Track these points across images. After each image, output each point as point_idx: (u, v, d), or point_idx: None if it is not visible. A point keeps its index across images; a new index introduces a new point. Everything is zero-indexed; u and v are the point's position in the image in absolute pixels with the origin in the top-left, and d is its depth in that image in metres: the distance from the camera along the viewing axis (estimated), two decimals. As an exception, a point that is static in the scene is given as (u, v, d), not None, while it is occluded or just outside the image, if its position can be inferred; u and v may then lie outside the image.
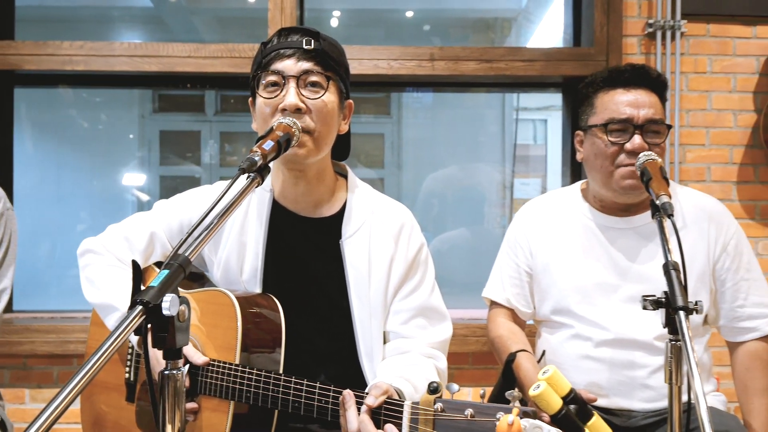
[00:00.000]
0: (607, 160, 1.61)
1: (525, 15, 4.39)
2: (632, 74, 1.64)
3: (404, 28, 4.49)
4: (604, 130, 1.61)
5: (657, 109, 1.62)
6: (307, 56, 1.36)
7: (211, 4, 4.32)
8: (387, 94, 4.77)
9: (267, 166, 1.17)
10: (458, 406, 1.03)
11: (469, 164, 4.35)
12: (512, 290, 1.82)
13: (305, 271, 1.46)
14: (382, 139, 5.40)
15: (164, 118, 4.88)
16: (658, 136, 1.61)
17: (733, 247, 1.67)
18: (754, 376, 1.68)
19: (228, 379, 1.30)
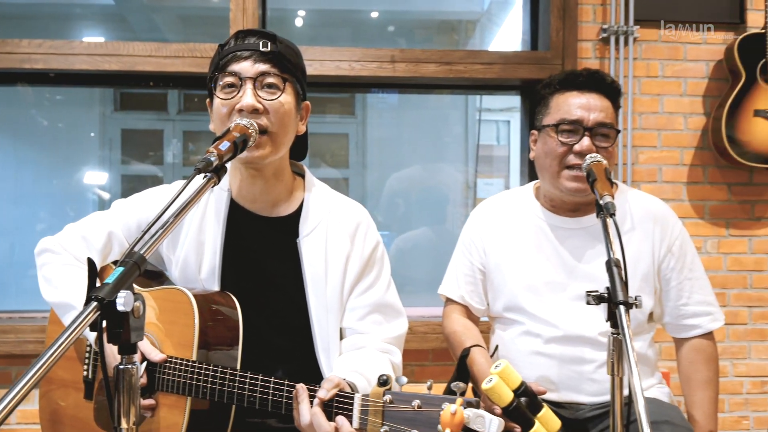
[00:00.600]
0: (556, 159, 1.67)
1: (487, 17, 4.46)
2: (587, 78, 1.70)
3: (369, 29, 4.53)
4: (556, 130, 1.67)
5: (608, 114, 1.68)
6: (264, 58, 1.39)
7: (173, 3, 4.30)
8: (351, 95, 4.80)
9: (223, 166, 1.19)
10: (406, 397, 1.07)
11: (432, 164, 4.41)
12: (466, 287, 1.87)
13: (263, 270, 1.49)
14: (347, 139, 5.43)
15: (126, 117, 4.84)
16: (607, 140, 1.66)
17: (678, 247, 1.74)
18: (696, 369, 1.75)
19: (185, 375, 1.32)
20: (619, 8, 2.85)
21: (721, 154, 2.85)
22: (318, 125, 5.40)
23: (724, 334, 2.95)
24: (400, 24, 4.51)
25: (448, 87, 3.07)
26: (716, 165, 2.95)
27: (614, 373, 1.31)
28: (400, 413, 1.07)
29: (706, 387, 1.74)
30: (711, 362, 1.75)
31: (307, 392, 1.19)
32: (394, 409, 1.07)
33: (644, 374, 1.73)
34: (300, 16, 4.22)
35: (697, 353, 1.75)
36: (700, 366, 1.75)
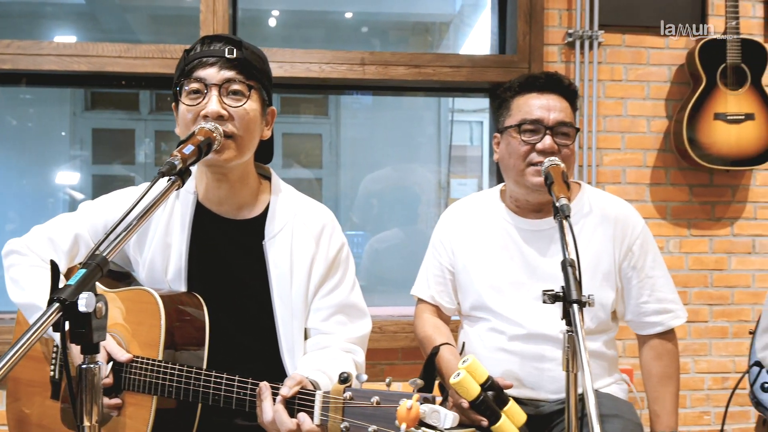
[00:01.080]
0: (520, 158, 1.72)
1: (459, 20, 4.51)
2: (546, 81, 1.75)
3: (343, 30, 4.55)
4: (518, 130, 1.72)
5: (567, 114, 1.74)
6: (230, 65, 1.40)
7: (145, 3, 4.29)
8: (325, 96, 4.83)
9: (188, 169, 1.22)
10: (366, 394, 1.10)
11: (406, 165, 4.45)
12: (437, 288, 1.91)
13: (229, 271, 1.51)
14: (321, 139, 5.45)
15: (97, 116, 4.81)
16: (567, 138, 1.72)
17: (639, 246, 1.79)
18: (658, 366, 1.80)
19: (151, 374, 1.34)
20: (584, 13, 2.91)
21: (682, 156, 2.93)
22: (292, 125, 5.42)
23: (686, 331, 3.03)
24: (374, 25, 4.54)
25: (417, 89, 3.11)
26: (678, 167, 3.02)
27: (569, 369, 1.36)
28: (360, 409, 1.10)
29: (667, 383, 1.79)
30: (672, 359, 1.80)
31: (270, 390, 1.22)
32: (354, 406, 1.11)
33: (603, 371, 1.78)
34: (274, 16, 4.23)
35: (659, 350, 1.80)
36: (661, 363, 1.80)
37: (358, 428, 1.10)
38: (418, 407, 1.02)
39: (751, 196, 3.06)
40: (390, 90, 3.18)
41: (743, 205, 3.06)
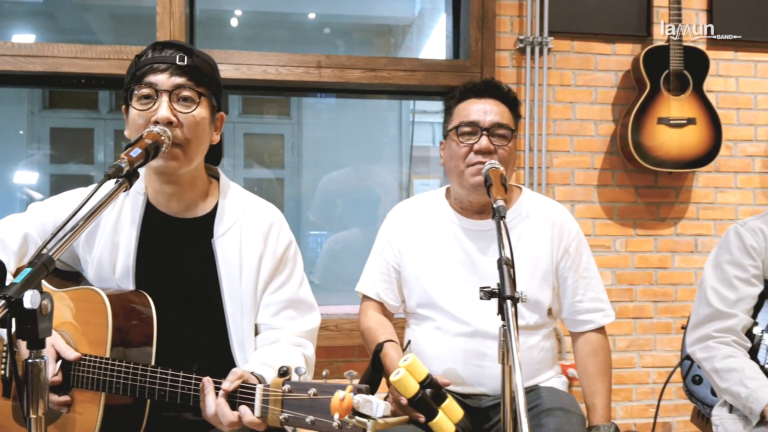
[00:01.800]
0: (460, 160, 1.79)
1: (418, 24, 4.58)
2: (484, 87, 1.82)
3: (306, 31, 4.58)
4: (457, 133, 1.79)
5: (504, 116, 1.80)
6: (180, 72, 1.43)
7: (104, 2, 4.27)
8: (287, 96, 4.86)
9: (135, 171, 1.26)
10: (303, 386, 1.16)
11: (366, 165, 4.51)
12: (382, 285, 1.97)
13: (178, 269, 1.55)
14: (282, 139, 5.47)
15: (55, 115, 4.78)
16: (504, 139, 1.78)
17: (574, 248, 1.88)
18: (593, 361, 1.87)
19: (98, 372, 1.37)
20: (535, 20, 3.01)
21: (628, 159, 3.04)
22: (254, 126, 5.44)
23: (632, 327, 3.15)
24: (337, 27, 4.58)
25: (373, 92, 3.17)
26: (624, 169, 3.14)
27: (504, 362, 1.42)
28: (298, 401, 1.16)
29: (603, 378, 1.86)
30: (604, 354, 1.88)
31: (212, 385, 1.26)
32: (293, 398, 1.16)
33: (543, 365, 1.86)
34: (236, 16, 4.25)
35: (591, 346, 1.88)
36: (596, 359, 1.87)
37: (296, 419, 1.15)
38: (350, 398, 1.07)
39: (694, 197, 3.19)
40: (346, 93, 3.23)
41: (686, 206, 3.19)
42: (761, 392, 1.66)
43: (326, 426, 1.12)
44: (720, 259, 1.91)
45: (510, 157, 1.80)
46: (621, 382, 3.16)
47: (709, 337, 1.83)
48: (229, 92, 3.50)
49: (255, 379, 1.28)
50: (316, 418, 1.13)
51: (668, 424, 3.20)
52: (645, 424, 3.17)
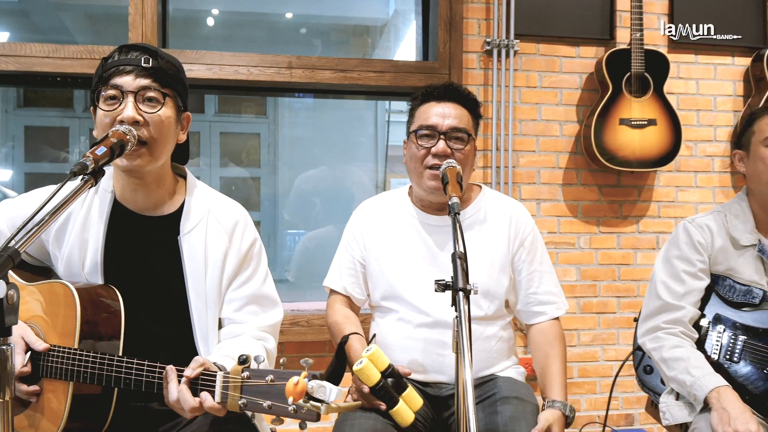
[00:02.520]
0: (418, 161, 1.86)
1: (392, 25, 4.65)
2: (444, 90, 1.89)
3: (283, 32, 4.62)
4: (416, 136, 1.86)
5: (462, 120, 1.86)
6: (146, 73, 1.49)
7: (79, 1, 4.28)
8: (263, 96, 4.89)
9: (101, 169, 1.31)
10: (261, 373, 1.22)
11: (341, 164, 4.56)
12: (348, 279, 2.03)
13: (145, 265, 1.60)
14: (259, 138, 5.50)
15: (30, 114, 4.78)
16: (461, 143, 1.85)
17: (530, 243, 1.95)
18: (549, 347, 1.93)
19: (67, 362, 1.42)
20: (501, 23, 3.09)
21: (591, 158, 3.14)
22: (230, 125, 5.47)
23: (596, 322, 3.24)
24: (314, 27, 4.62)
25: (343, 92, 3.23)
26: (588, 168, 3.23)
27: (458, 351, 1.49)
28: (256, 387, 1.22)
29: (555, 360, 1.90)
30: (558, 342, 1.94)
31: (175, 372, 1.32)
32: (251, 384, 1.22)
33: (501, 355, 1.93)
34: (213, 16, 4.28)
35: (546, 335, 1.95)
36: (549, 344, 1.93)
37: (254, 404, 1.22)
38: (304, 383, 1.14)
39: (655, 196, 3.29)
40: (317, 93, 3.29)
41: (648, 204, 3.29)
42: (705, 380, 1.74)
43: (282, 410, 1.18)
44: (669, 254, 2.00)
45: (467, 159, 1.86)
46: (585, 375, 3.25)
47: (659, 329, 1.92)
48: (203, 92, 3.55)
49: (216, 367, 1.34)
50: (273, 403, 1.19)
51: (631, 416, 3.30)
52: (608, 416, 3.27)
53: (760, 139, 1.91)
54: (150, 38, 2.74)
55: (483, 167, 3.13)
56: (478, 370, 1.88)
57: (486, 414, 1.74)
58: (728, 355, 1.89)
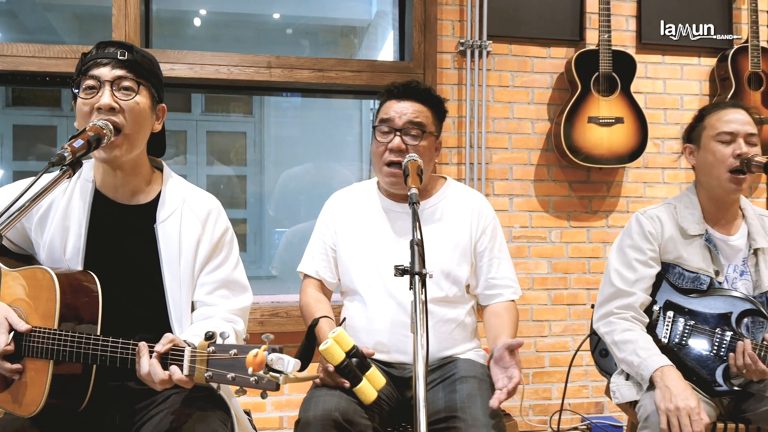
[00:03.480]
0: (378, 157, 1.96)
1: (374, 26, 4.75)
2: (403, 89, 1.99)
3: (268, 32, 4.72)
4: (376, 131, 1.97)
5: (420, 116, 1.96)
6: (121, 65, 1.60)
7: (65, 2, 4.37)
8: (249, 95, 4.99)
9: (78, 161, 1.41)
10: (226, 348, 1.32)
11: (326, 162, 4.66)
12: (321, 264, 2.13)
13: (123, 251, 1.69)
14: (245, 137, 5.60)
15: (18, 113, 4.87)
16: (416, 138, 1.94)
17: (490, 231, 2.06)
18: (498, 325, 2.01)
19: (47, 341, 1.52)
20: (475, 25, 3.20)
21: (561, 155, 3.25)
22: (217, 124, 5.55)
23: (566, 313, 3.35)
24: (299, 27, 4.71)
25: (321, 92, 3.33)
26: (559, 165, 3.35)
27: (416, 332, 1.59)
28: (221, 361, 1.32)
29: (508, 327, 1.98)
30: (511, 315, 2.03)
31: (147, 348, 1.42)
32: (216, 358, 1.33)
33: (463, 338, 2.04)
34: (201, 16, 4.37)
35: (499, 314, 2.03)
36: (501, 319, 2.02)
37: (219, 376, 1.32)
38: (263, 355, 1.24)
39: (624, 192, 3.41)
40: (295, 92, 3.39)
41: (617, 199, 3.40)
42: (651, 360, 1.86)
43: (245, 381, 1.28)
44: (623, 244, 2.11)
45: (426, 153, 1.96)
46: (556, 365, 3.37)
47: (611, 314, 2.03)
48: (185, 90, 3.65)
49: (185, 343, 1.44)
50: (236, 375, 1.29)
51: (600, 404, 3.42)
52: (578, 404, 3.39)
53: (711, 134, 2.02)
54: (133, 38, 2.83)
55: (457, 164, 3.24)
56: (439, 350, 1.98)
57: (445, 393, 1.85)
58: (677, 338, 2.00)
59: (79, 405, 1.57)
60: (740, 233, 2.08)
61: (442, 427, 1.75)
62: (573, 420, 3.38)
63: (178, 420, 1.52)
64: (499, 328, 1.98)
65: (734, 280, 2.04)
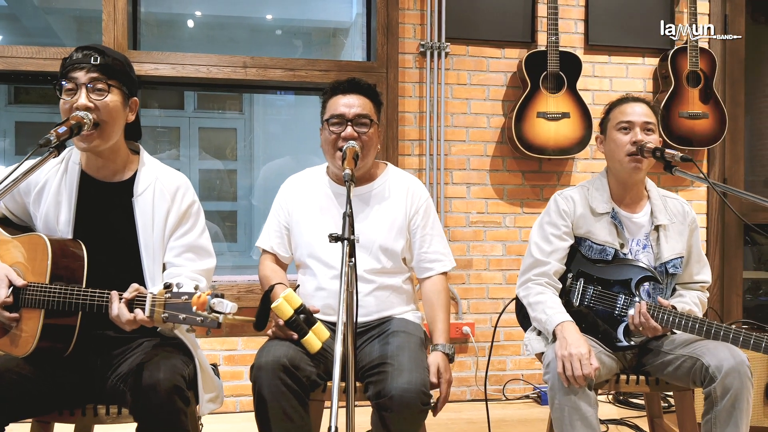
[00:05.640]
0: (331, 145, 2.26)
1: (354, 28, 5.04)
2: (348, 84, 2.29)
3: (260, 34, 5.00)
4: (328, 124, 2.27)
5: (365, 108, 2.25)
6: (95, 68, 1.90)
7: (65, 5, 4.67)
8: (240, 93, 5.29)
9: (62, 144, 1.73)
10: (179, 294, 1.63)
11: (305, 155, 4.95)
12: (275, 240, 2.43)
13: (105, 221, 2.01)
14: (235, 133, 5.89)
15: (20, 110, 5.19)
16: (365, 127, 2.24)
17: (423, 210, 2.36)
18: (436, 297, 2.32)
19: (39, 294, 1.83)
20: (434, 28, 3.51)
21: (514, 147, 3.56)
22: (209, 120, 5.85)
23: (519, 292, 3.65)
24: (289, 29, 4.98)
25: (292, 89, 3.64)
26: (513, 156, 3.65)
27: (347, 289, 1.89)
28: (175, 305, 1.64)
29: (442, 308, 2.31)
30: (444, 293, 2.34)
31: (117, 295, 1.74)
32: (172, 303, 1.64)
33: (399, 302, 2.33)
34: (195, 18, 4.67)
35: (435, 286, 2.34)
36: (437, 295, 2.33)
37: (173, 317, 1.64)
38: (205, 296, 1.56)
39: (573, 180, 3.71)
40: (268, 89, 3.70)
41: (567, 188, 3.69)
42: (555, 317, 2.17)
43: (192, 320, 1.60)
44: (542, 220, 2.42)
45: (372, 140, 2.26)
46: (510, 339, 3.68)
47: (529, 280, 2.34)
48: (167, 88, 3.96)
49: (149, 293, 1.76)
50: (187, 315, 1.61)
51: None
52: (531, 375, 3.69)
53: (613, 124, 2.33)
54: (121, 41, 3.15)
55: (419, 155, 3.55)
56: (379, 311, 2.27)
57: (380, 345, 2.16)
58: (586, 302, 2.31)
59: (65, 349, 1.89)
60: (644, 212, 2.38)
61: (375, 371, 2.05)
62: (525, 389, 3.69)
63: (147, 359, 1.84)
64: (432, 315, 2.29)
65: (637, 252, 2.35)
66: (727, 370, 1.99)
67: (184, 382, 1.82)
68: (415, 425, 1.98)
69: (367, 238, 2.28)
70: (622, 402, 3.53)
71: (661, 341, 2.28)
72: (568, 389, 2.02)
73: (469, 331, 3.59)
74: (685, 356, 2.14)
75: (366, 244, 2.28)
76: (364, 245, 2.28)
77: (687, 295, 2.36)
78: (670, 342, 2.25)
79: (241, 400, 3.45)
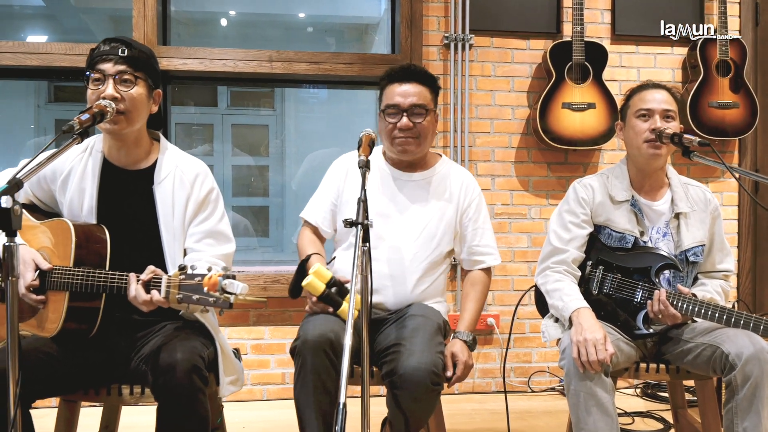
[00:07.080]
0: (388, 134, 2.28)
1: (384, 23, 5.07)
2: (403, 72, 2.29)
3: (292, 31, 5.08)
4: (384, 114, 2.29)
5: (421, 97, 2.25)
6: (122, 60, 1.96)
7: (101, 4, 4.81)
8: (271, 89, 5.37)
9: (85, 131, 1.79)
10: (193, 276, 1.68)
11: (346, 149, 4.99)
12: (321, 215, 2.43)
13: (128, 208, 2.07)
14: (267, 129, 5.98)
15: (59, 108, 5.34)
16: (420, 117, 2.25)
17: (476, 204, 2.38)
18: (472, 288, 2.36)
19: (64, 277, 1.90)
20: (458, 20, 3.52)
21: (539, 139, 3.54)
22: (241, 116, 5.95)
23: (545, 284, 3.63)
24: (322, 26, 5.04)
25: (317, 82, 3.69)
26: (538, 147, 3.64)
27: (362, 273, 1.91)
28: (189, 286, 1.69)
29: (475, 300, 2.34)
30: (482, 286, 2.37)
31: (135, 277, 1.79)
32: (186, 284, 1.69)
33: (433, 294, 2.34)
34: (232, 15, 4.76)
35: (476, 279, 2.38)
36: (475, 288, 2.36)
37: (187, 297, 1.69)
38: (216, 277, 1.60)
39: (600, 172, 3.67)
40: (294, 83, 3.76)
41: (590, 178, 3.67)
42: (571, 303, 2.16)
43: (205, 301, 1.65)
44: (561, 209, 2.42)
45: (428, 129, 2.28)
46: (536, 331, 3.66)
47: (548, 268, 2.33)
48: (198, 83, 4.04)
49: (164, 273, 1.81)
50: (200, 296, 1.66)
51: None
52: (556, 368, 3.67)
53: (632, 111, 2.31)
54: (150, 37, 3.24)
55: (443, 147, 3.56)
56: (408, 301, 2.29)
57: (397, 329, 2.17)
58: (606, 289, 2.29)
59: (90, 330, 1.96)
60: (664, 199, 2.35)
61: (389, 352, 2.07)
62: (551, 381, 3.67)
63: (167, 340, 1.90)
64: (464, 304, 2.35)
65: (657, 240, 2.32)
66: (747, 357, 1.96)
67: (203, 362, 1.86)
68: (426, 404, 2.00)
69: (415, 220, 2.32)
70: (650, 396, 3.49)
71: (681, 329, 2.25)
72: (584, 375, 2.01)
73: (494, 322, 3.59)
74: (705, 344, 2.11)
75: (416, 232, 2.31)
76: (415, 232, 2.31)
77: (709, 283, 2.32)
78: (691, 330, 2.22)
79: (268, 389, 3.51)
